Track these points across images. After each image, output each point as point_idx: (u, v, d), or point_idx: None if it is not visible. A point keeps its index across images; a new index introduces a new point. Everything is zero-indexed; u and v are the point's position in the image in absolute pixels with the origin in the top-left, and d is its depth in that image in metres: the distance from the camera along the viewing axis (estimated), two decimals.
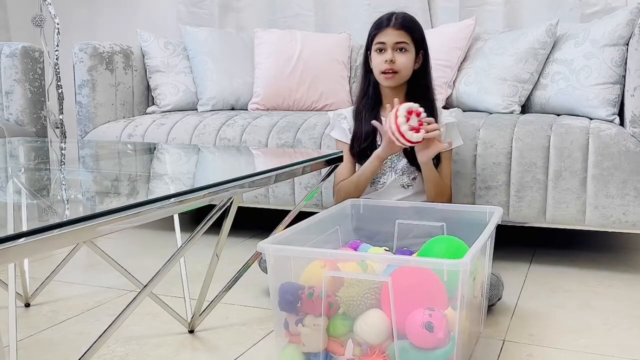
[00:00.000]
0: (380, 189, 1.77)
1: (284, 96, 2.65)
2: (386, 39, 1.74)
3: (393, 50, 1.73)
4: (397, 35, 1.73)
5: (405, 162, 1.77)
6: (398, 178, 1.77)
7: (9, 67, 2.62)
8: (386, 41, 1.73)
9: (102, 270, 1.95)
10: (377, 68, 1.75)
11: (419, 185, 1.77)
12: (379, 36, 1.75)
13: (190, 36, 2.78)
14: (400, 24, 1.74)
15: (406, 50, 1.74)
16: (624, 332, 1.48)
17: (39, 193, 1.15)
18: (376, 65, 1.75)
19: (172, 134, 2.37)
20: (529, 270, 1.97)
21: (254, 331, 1.49)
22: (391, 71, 1.72)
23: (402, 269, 1.17)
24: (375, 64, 1.76)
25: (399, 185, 1.77)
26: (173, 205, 0.97)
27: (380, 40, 1.74)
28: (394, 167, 1.77)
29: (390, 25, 1.74)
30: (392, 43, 1.73)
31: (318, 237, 1.44)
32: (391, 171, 1.77)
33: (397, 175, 1.76)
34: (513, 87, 2.26)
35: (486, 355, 1.36)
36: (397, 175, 1.76)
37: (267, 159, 1.71)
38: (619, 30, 2.02)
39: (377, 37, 1.75)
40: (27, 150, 1.79)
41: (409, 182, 1.77)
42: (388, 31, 1.74)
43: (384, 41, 1.74)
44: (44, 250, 0.76)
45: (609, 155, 1.83)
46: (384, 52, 1.74)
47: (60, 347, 1.41)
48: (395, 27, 1.74)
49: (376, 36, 1.76)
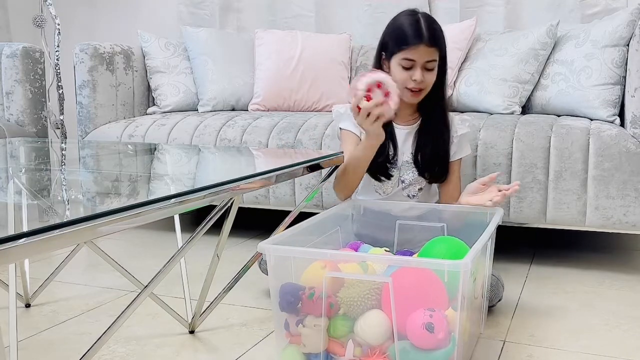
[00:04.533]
0: (385, 197, 1.74)
1: (285, 97, 2.65)
2: (417, 57, 1.59)
3: (422, 69, 1.60)
4: (429, 54, 1.60)
5: (415, 173, 1.71)
6: (405, 188, 1.72)
7: (9, 67, 2.62)
8: (417, 59, 1.59)
9: (102, 271, 1.95)
10: (402, 83, 1.60)
11: (425, 196, 1.74)
12: (409, 52, 1.59)
13: (190, 37, 2.78)
14: (433, 41, 1.59)
15: (433, 68, 1.63)
16: (625, 332, 1.48)
17: (39, 193, 1.15)
18: (401, 80, 1.60)
19: (173, 134, 2.37)
20: (529, 270, 1.97)
21: (254, 332, 1.49)
22: (418, 89, 1.63)
23: (402, 269, 1.17)
24: (401, 79, 1.60)
25: (404, 195, 1.73)
26: (174, 205, 0.97)
27: (409, 57, 1.59)
28: (402, 176, 1.72)
29: (422, 41, 1.58)
30: (422, 62, 1.60)
31: (319, 237, 1.44)
32: (398, 180, 1.72)
33: (405, 185, 1.72)
34: (514, 88, 2.26)
35: (487, 355, 1.36)
36: (405, 185, 1.72)
37: (268, 159, 1.71)
38: (619, 31, 2.02)
39: (406, 52, 1.59)
40: (27, 150, 1.79)
41: (415, 192, 1.73)
42: (420, 49, 1.58)
43: (414, 59, 1.59)
44: (45, 251, 0.76)
45: (609, 156, 1.83)
46: (412, 69, 1.60)
47: (60, 347, 1.41)
48: (428, 45, 1.59)
49: (403, 51, 1.60)
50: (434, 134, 1.69)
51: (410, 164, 1.71)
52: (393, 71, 1.63)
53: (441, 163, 1.70)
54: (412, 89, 1.62)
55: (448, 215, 1.58)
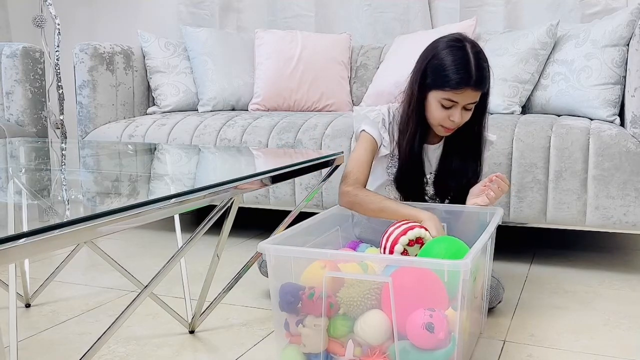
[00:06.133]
0: None
1: (285, 97, 2.65)
2: (460, 100, 1.50)
3: (462, 110, 1.52)
4: (473, 97, 1.51)
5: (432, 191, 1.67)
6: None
7: (9, 67, 2.62)
8: (459, 102, 1.50)
9: (102, 271, 1.95)
10: (437, 120, 1.54)
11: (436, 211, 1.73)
12: (453, 95, 1.49)
13: (190, 37, 2.78)
14: (480, 85, 1.49)
15: (472, 108, 1.54)
16: (625, 332, 1.48)
17: (39, 193, 1.15)
18: (437, 118, 1.53)
19: (173, 134, 2.37)
20: (529, 270, 1.97)
21: (254, 332, 1.49)
22: (453, 127, 1.55)
23: (402, 269, 1.17)
24: (437, 117, 1.53)
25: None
26: (174, 205, 0.97)
27: (452, 99, 1.49)
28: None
29: (470, 85, 1.47)
30: (464, 104, 1.51)
31: (318, 237, 1.44)
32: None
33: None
34: (513, 88, 2.26)
35: (487, 355, 1.36)
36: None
37: (268, 159, 1.71)
38: (619, 31, 2.02)
39: (449, 94, 1.49)
40: (27, 150, 1.79)
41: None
42: (466, 93, 1.48)
43: (457, 101, 1.50)
44: (45, 251, 0.76)
45: (609, 155, 1.83)
46: (451, 109, 1.51)
47: (60, 347, 1.41)
48: (475, 89, 1.49)
49: (446, 91, 1.49)
50: (462, 169, 1.63)
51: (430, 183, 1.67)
52: (430, 105, 1.54)
53: (464, 195, 1.63)
54: (447, 127, 1.55)
55: (448, 215, 1.58)
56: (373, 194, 1.54)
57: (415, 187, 1.64)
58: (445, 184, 1.64)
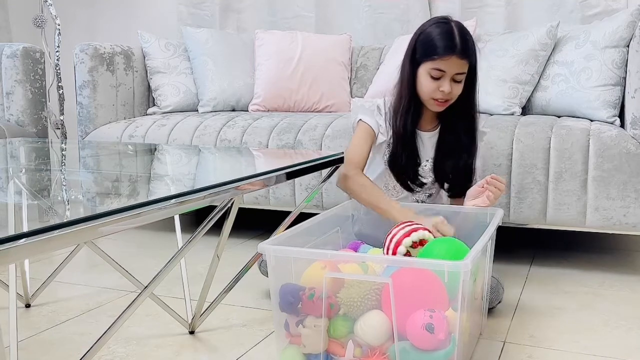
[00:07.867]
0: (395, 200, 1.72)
1: (285, 97, 2.65)
2: (447, 68, 1.56)
3: (451, 81, 1.58)
4: (460, 66, 1.57)
5: (430, 179, 1.70)
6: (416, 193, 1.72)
7: (9, 67, 2.62)
8: (447, 70, 1.56)
9: (102, 271, 1.95)
10: (427, 93, 1.60)
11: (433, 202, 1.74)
12: (440, 63, 1.56)
13: (191, 37, 2.78)
14: (465, 53, 1.56)
15: (462, 80, 1.60)
16: (625, 333, 1.48)
17: (39, 194, 1.15)
18: (428, 90, 1.59)
19: (173, 135, 2.37)
20: (529, 271, 1.97)
21: (254, 332, 1.49)
22: (444, 100, 1.61)
23: (402, 270, 1.17)
24: (427, 89, 1.60)
25: (413, 199, 1.72)
26: (174, 206, 0.97)
27: (439, 68, 1.56)
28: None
29: (454, 53, 1.55)
30: (452, 73, 1.57)
31: (319, 238, 1.44)
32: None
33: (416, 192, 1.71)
34: (514, 89, 2.26)
35: (486, 356, 1.36)
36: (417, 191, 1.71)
37: (268, 160, 1.71)
38: (619, 32, 2.02)
39: (436, 62, 1.56)
40: (27, 151, 1.79)
41: (424, 199, 1.73)
42: (452, 60, 1.55)
43: (444, 70, 1.56)
44: (45, 251, 0.76)
45: (609, 157, 1.83)
46: (440, 80, 1.58)
47: (60, 347, 1.41)
48: (460, 57, 1.56)
49: (434, 61, 1.57)
50: (457, 148, 1.67)
51: (427, 170, 1.69)
52: (420, 79, 1.61)
53: (462, 178, 1.67)
54: (438, 99, 1.60)
55: (448, 216, 1.58)
56: (372, 187, 1.61)
57: (408, 170, 1.67)
58: (442, 165, 1.68)
